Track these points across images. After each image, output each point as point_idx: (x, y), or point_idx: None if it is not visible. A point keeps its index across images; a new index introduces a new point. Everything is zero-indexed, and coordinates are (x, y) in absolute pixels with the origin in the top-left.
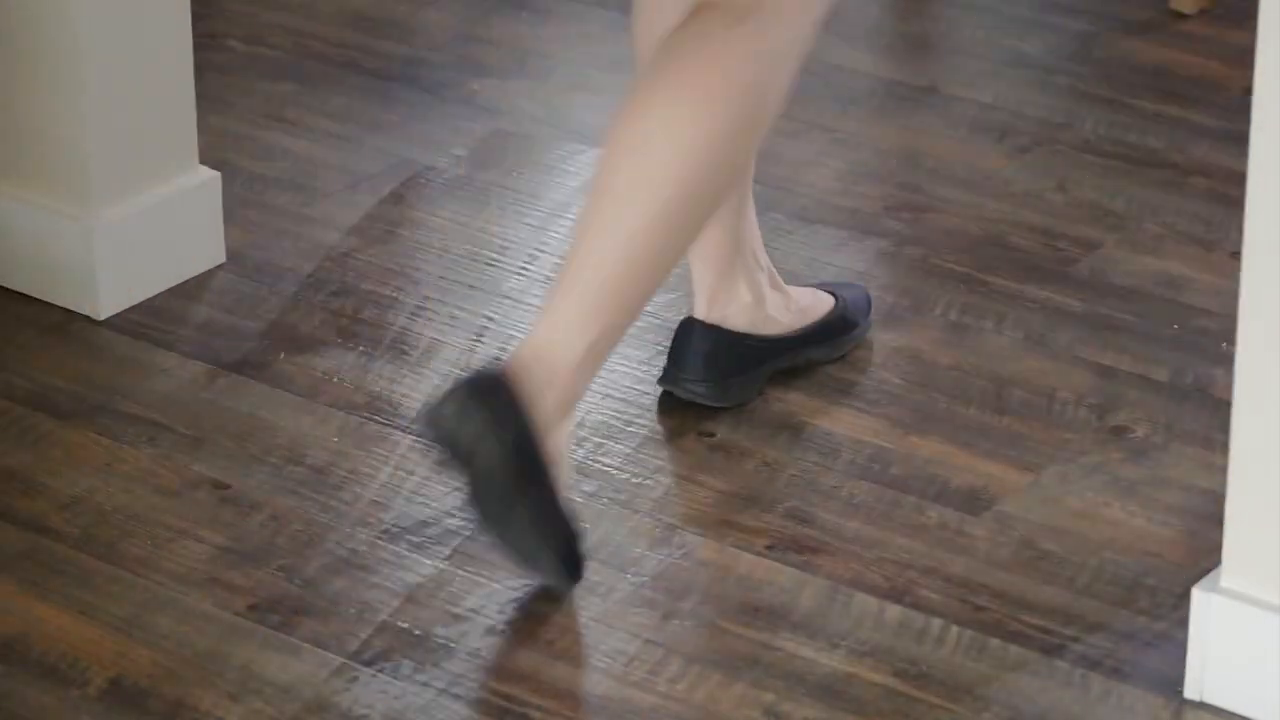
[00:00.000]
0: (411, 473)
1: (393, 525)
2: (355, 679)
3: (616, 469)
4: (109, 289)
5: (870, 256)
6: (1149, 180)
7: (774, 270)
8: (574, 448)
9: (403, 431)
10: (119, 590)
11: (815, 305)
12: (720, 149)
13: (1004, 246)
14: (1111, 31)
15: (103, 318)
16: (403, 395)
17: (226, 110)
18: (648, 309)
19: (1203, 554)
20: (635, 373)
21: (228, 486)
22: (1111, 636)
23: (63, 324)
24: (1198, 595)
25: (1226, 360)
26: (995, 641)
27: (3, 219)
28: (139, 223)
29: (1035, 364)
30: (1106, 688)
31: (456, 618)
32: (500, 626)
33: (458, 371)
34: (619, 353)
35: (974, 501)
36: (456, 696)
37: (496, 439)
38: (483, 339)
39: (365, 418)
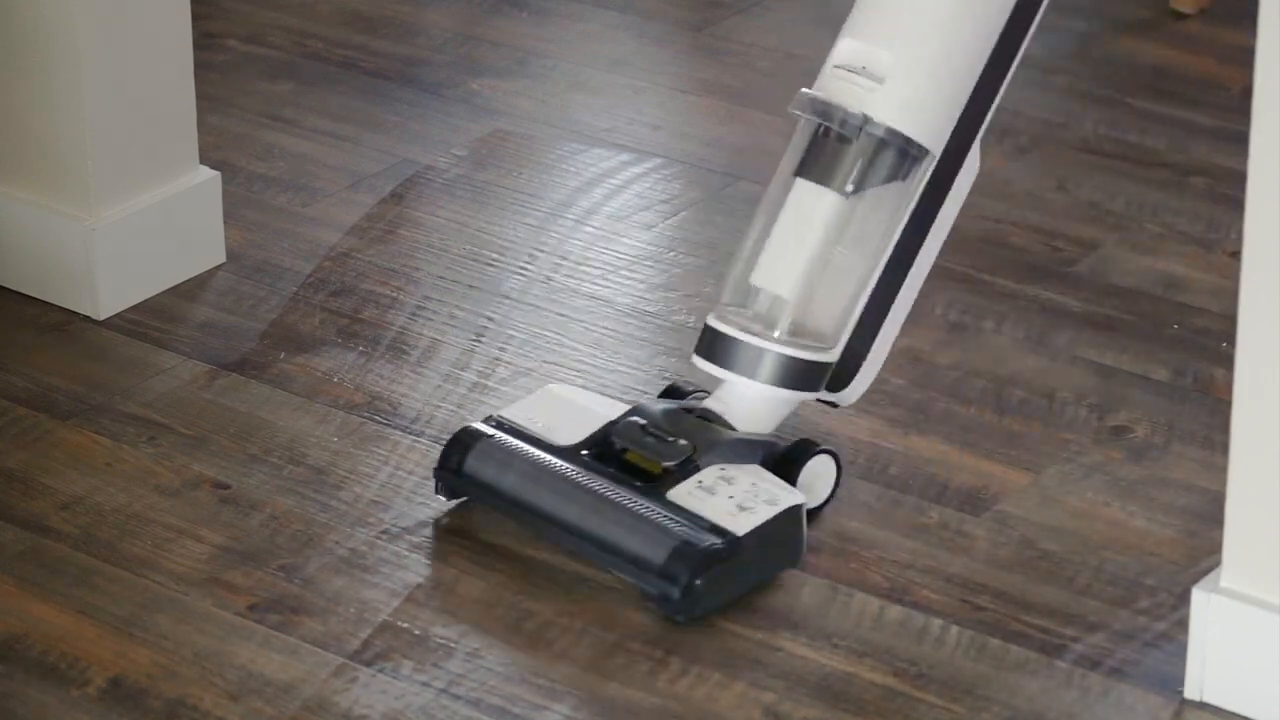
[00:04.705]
0: (411, 473)
1: (393, 525)
2: (355, 679)
3: None
4: (109, 289)
5: None
6: (1149, 180)
7: None
8: None
9: (403, 431)
10: (119, 590)
11: None
12: None
13: (1004, 246)
14: (1111, 31)
15: (103, 318)
16: (403, 395)
17: (226, 110)
18: (647, 308)
19: (1203, 554)
20: (635, 373)
21: (228, 486)
22: (1111, 636)
23: (63, 324)
24: (1198, 595)
25: (1226, 360)
26: (995, 641)
27: (3, 219)
28: (139, 223)
29: (1035, 364)
30: (1106, 688)
31: (456, 618)
32: (500, 627)
33: (457, 371)
34: (619, 352)
35: (974, 501)
36: (456, 696)
37: None
38: (482, 339)
39: (365, 418)
